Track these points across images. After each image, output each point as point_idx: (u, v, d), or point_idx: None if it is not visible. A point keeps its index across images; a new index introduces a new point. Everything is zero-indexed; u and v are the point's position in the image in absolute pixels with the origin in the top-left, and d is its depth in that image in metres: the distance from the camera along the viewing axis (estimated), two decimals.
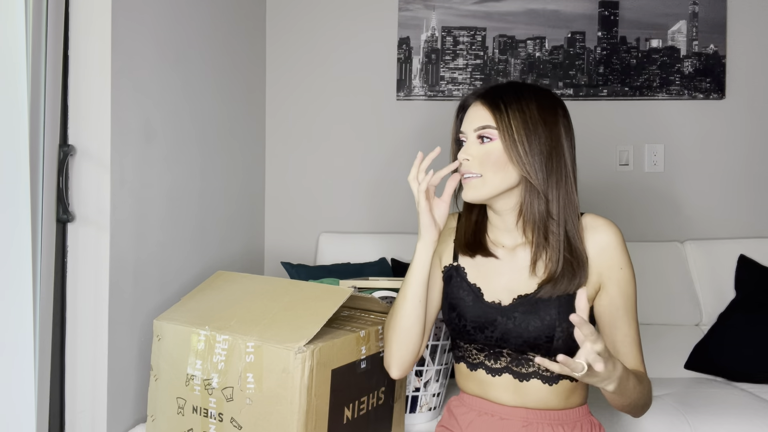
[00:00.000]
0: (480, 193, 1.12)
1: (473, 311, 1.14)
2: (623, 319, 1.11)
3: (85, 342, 1.31)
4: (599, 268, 1.10)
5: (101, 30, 1.29)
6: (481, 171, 1.11)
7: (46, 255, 1.18)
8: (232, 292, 1.32)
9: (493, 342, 1.13)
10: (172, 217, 1.58)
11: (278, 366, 1.08)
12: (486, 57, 2.33)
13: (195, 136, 1.72)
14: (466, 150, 1.13)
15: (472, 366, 1.17)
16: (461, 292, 1.17)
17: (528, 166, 1.08)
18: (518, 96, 1.12)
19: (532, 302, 1.10)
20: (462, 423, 1.18)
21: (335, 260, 2.18)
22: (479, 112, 1.13)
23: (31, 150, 1.13)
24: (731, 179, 2.30)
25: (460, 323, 1.15)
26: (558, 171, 1.10)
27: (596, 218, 1.14)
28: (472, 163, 1.12)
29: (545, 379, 1.11)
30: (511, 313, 1.11)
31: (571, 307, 1.08)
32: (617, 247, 1.11)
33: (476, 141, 1.12)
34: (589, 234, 1.12)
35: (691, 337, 2.01)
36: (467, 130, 1.14)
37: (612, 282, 1.10)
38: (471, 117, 1.14)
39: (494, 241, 1.19)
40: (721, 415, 1.55)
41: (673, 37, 2.29)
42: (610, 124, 2.32)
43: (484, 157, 1.10)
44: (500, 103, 1.11)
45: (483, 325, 1.13)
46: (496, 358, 1.14)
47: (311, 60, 2.38)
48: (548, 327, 1.08)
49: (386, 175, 2.37)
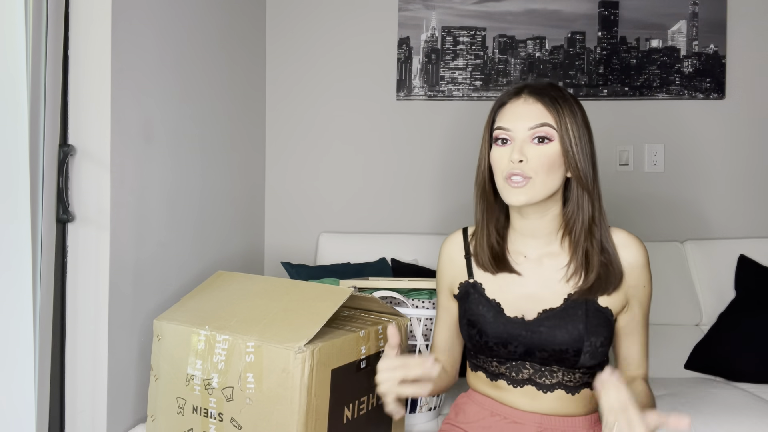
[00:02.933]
0: (535, 195, 1.04)
1: (495, 327, 1.09)
2: (639, 330, 1.13)
3: (85, 342, 1.31)
4: (626, 286, 1.09)
5: (101, 30, 1.29)
6: (534, 174, 1.03)
7: (46, 255, 1.18)
8: (232, 292, 1.32)
9: (516, 356, 1.09)
10: (172, 217, 1.58)
11: (278, 366, 1.08)
12: (486, 57, 2.33)
13: (195, 136, 1.72)
14: (521, 150, 1.04)
15: (493, 376, 1.13)
16: (480, 308, 1.12)
17: (583, 170, 1.04)
18: (565, 96, 1.07)
19: (559, 316, 1.07)
20: (471, 420, 1.15)
21: (335, 260, 2.18)
22: (534, 110, 1.05)
23: (31, 150, 1.13)
24: (731, 179, 2.30)
25: (481, 340, 1.11)
26: (596, 178, 1.08)
27: (627, 235, 1.11)
28: (529, 165, 1.03)
29: (568, 389, 1.09)
30: (536, 328, 1.07)
31: (598, 319, 1.06)
32: (645, 266, 1.10)
33: (530, 140, 1.04)
34: (620, 250, 1.09)
35: (691, 337, 2.01)
36: (518, 127, 1.05)
37: (635, 299, 1.11)
38: (523, 113, 1.05)
39: (515, 252, 1.14)
40: (721, 415, 1.54)
41: (673, 37, 2.29)
42: (610, 124, 2.32)
43: (542, 159, 1.03)
44: (556, 102, 1.05)
45: (506, 340, 1.09)
46: (518, 371, 1.10)
47: (311, 60, 2.38)
48: (576, 341, 1.05)
49: (386, 175, 2.37)
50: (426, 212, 2.36)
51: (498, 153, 1.07)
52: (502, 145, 1.07)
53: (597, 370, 1.10)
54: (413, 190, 2.36)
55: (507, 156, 1.05)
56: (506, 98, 1.09)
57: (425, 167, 2.35)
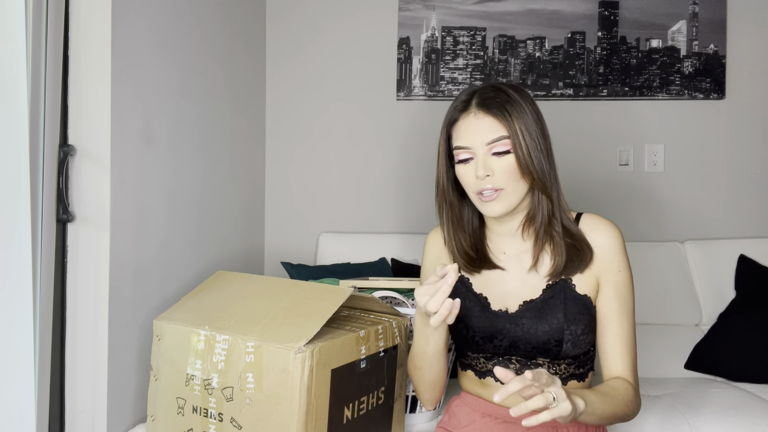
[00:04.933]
0: (510, 203, 1.07)
1: (481, 321, 1.13)
2: (616, 320, 1.10)
3: (85, 342, 1.31)
4: (598, 270, 1.10)
5: (101, 30, 1.29)
6: (503, 184, 1.05)
7: (46, 255, 1.18)
8: (232, 292, 1.32)
9: (501, 351, 1.12)
10: (172, 217, 1.58)
11: (278, 366, 1.08)
12: (486, 57, 2.33)
13: (195, 136, 1.72)
14: (485, 165, 1.05)
15: (481, 374, 1.17)
16: (467, 303, 1.15)
17: (540, 172, 1.06)
18: (510, 98, 1.07)
19: (539, 307, 1.10)
20: (464, 423, 1.18)
21: (335, 260, 2.18)
22: (486, 124, 1.06)
23: (31, 150, 1.13)
24: (731, 179, 2.30)
25: (468, 334, 1.14)
26: (553, 167, 1.10)
27: (598, 219, 1.13)
28: (495, 178, 1.05)
29: None
30: (518, 320, 1.10)
31: (577, 306, 1.08)
32: (617, 249, 1.10)
33: (489, 154, 1.06)
34: (590, 234, 1.11)
35: (691, 337, 2.01)
36: (475, 143, 1.06)
37: (609, 284, 1.10)
38: (476, 130, 1.06)
39: (495, 250, 1.17)
40: (721, 415, 1.55)
41: (673, 37, 2.29)
42: (610, 124, 2.32)
43: (506, 169, 1.05)
44: (504, 111, 1.05)
45: (492, 334, 1.12)
46: (505, 365, 1.13)
47: (311, 60, 2.38)
48: (557, 331, 1.07)
49: (386, 175, 2.37)
50: (426, 212, 2.35)
51: (464, 171, 1.09)
52: (465, 163, 1.09)
53: (583, 362, 1.12)
54: (413, 190, 2.36)
55: (473, 173, 1.07)
56: (456, 114, 1.10)
57: (425, 167, 2.35)
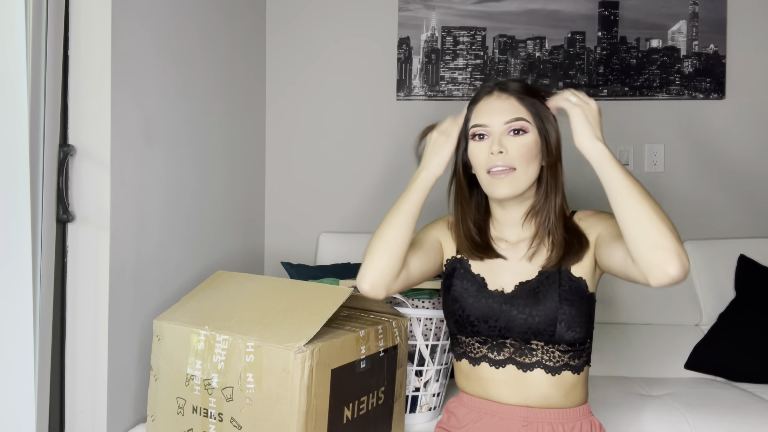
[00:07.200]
0: (519, 187, 1.10)
1: (477, 301, 1.15)
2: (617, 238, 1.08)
3: (85, 342, 1.31)
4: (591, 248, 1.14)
5: (101, 30, 1.29)
6: (516, 164, 1.09)
7: (46, 255, 1.18)
8: (232, 292, 1.32)
9: (496, 332, 1.13)
10: (172, 217, 1.58)
11: (278, 366, 1.08)
12: (486, 57, 2.32)
13: (195, 136, 1.72)
14: (500, 143, 1.09)
15: (475, 360, 1.17)
16: (465, 283, 1.17)
17: (555, 156, 1.12)
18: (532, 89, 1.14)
19: (534, 289, 1.12)
20: (462, 423, 1.18)
21: (335, 260, 2.18)
22: (508, 104, 1.11)
23: (31, 150, 1.13)
24: (731, 179, 2.30)
25: (464, 314, 1.15)
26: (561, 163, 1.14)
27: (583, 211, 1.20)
28: (509, 156, 1.09)
29: (548, 368, 1.11)
30: (514, 301, 1.12)
31: (571, 288, 1.10)
32: (593, 214, 1.16)
33: (506, 133, 1.10)
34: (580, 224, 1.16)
35: (691, 337, 2.00)
36: (494, 122, 1.11)
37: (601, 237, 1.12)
38: (497, 108, 1.11)
39: (498, 238, 1.20)
40: (721, 415, 1.55)
41: (673, 37, 2.29)
42: (609, 124, 2.31)
43: (521, 149, 1.09)
44: (527, 96, 1.12)
45: (487, 315, 1.14)
46: (499, 350, 1.14)
47: (311, 60, 2.38)
48: (551, 310, 1.09)
49: (386, 175, 2.37)
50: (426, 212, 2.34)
51: (477, 148, 1.13)
52: (480, 140, 1.13)
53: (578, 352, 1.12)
54: None
55: (486, 150, 1.11)
56: (480, 95, 1.16)
57: None
